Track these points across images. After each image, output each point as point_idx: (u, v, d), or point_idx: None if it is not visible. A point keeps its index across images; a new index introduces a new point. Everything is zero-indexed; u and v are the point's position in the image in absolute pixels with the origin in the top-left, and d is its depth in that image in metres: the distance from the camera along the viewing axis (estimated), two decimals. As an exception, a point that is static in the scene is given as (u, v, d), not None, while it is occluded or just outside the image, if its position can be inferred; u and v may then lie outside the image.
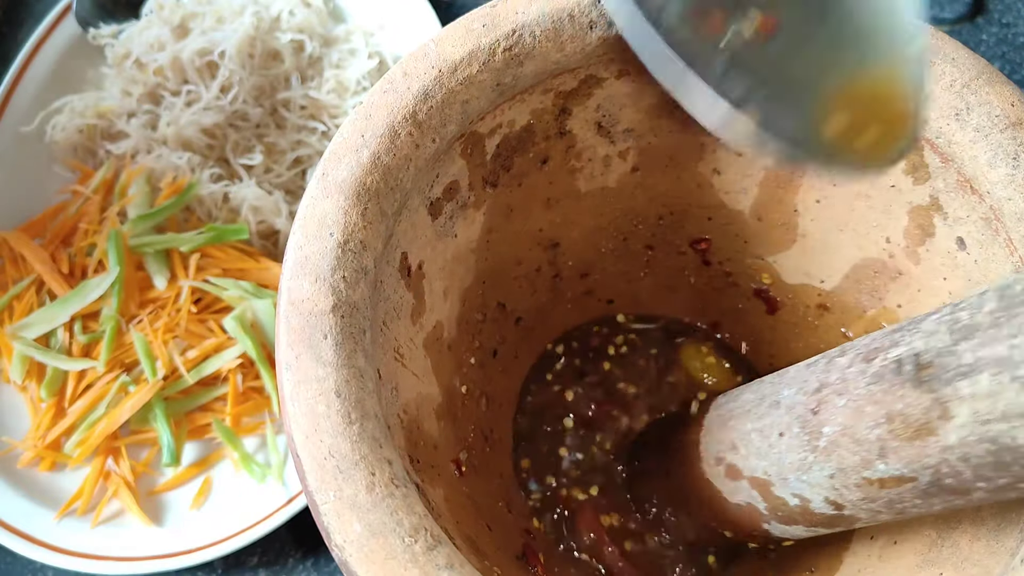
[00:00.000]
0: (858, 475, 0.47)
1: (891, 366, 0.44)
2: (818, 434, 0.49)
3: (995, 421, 0.39)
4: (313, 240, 0.46)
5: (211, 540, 0.79)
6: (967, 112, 0.51)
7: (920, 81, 0.43)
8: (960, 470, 0.41)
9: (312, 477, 0.42)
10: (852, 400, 0.47)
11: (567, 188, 0.64)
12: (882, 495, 0.47)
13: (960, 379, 0.40)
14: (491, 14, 0.52)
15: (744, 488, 0.57)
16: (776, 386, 0.55)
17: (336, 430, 0.42)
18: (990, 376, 0.38)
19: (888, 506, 0.48)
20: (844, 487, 0.49)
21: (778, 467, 0.53)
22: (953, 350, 0.40)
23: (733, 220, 0.67)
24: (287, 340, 0.44)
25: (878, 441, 0.45)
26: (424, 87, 0.50)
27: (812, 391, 0.50)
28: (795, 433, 0.51)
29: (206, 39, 0.94)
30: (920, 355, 0.42)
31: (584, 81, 0.57)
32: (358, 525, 0.41)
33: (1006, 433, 0.38)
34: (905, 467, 0.44)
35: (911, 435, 0.43)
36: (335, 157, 0.48)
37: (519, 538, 0.62)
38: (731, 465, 0.58)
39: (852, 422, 0.46)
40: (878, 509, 0.49)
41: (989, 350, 0.39)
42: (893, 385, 0.44)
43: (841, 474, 0.48)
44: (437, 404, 0.57)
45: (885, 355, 0.45)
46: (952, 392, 0.40)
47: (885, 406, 0.44)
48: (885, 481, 0.46)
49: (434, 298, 0.57)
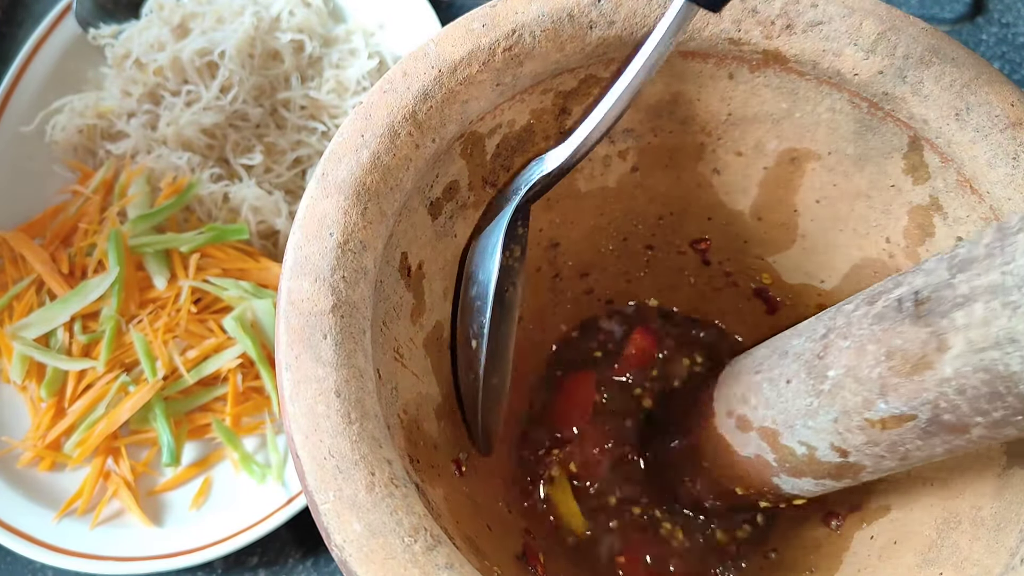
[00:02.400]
0: (860, 416, 0.48)
1: (892, 304, 0.45)
2: (823, 378, 0.50)
3: (989, 349, 0.39)
4: (313, 240, 0.46)
5: (211, 540, 0.79)
6: (967, 112, 0.51)
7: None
8: (957, 403, 0.42)
9: (312, 477, 0.42)
10: (855, 341, 0.47)
11: (567, 188, 0.64)
12: (884, 437, 0.48)
13: (956, 310, 0.41)
14: (491, 14, 0.52)
15: (753, 439, 0.58)
16: (787, 338, 0.56)
17: (336, 430, 0.42)
18: (984, 304, 0.39)
19: (891, 450, 0.48)
20: (847, 431, 0.49)
21: (785, 415, 0.54)
22: (950, 283, 0.41)
23: (733, 220, 0.67)
24: (287, 340, 0.44)
25: (879, 380, 0.46)
26: (424, 87, 0.50)
27: (819, 337, 0.51)
28: (802, 379, 0.52)
29: (206, 39, 0.94)
30: (919, 292, 0.43)
31: (584, 81, 0.57)
32: (358, 525, 0.41)
33: (999, 360, 0.39)
34: (905, 404, 0.45)
35: (910, 370, 0.44)
36: (335, 157, 0.48)
37: (519, 538, 0.62)
38: (742, 416, 0.59)
39: (855, 362, 0.47)
40: (881, 454, 0.49)
41: (984, 279, 0.39)
42: (894, 323, 0.45)
43: (844, 417, 0.49)
44: (437, 404, 0.57)
45: (887, 296, 0.46)
46: (948, 324, 0.41)
47: (885, 344, 0.45)
48: (886, 421, 0.47)
49: (434, 298, 0.57)
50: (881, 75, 0.53)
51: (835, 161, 0.60)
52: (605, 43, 0.54)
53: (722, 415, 0.62)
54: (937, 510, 0.54)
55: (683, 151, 0.63)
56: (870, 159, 0.58)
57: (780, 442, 0.56)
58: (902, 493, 0.58)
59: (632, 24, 0.53)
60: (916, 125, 0.54)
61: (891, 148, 0.56)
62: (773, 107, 0.58)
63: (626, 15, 0.53)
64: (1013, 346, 0.38)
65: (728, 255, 0.70)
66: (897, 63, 0.52)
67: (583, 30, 0.53)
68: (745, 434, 0.59)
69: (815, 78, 0.55)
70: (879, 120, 0.55)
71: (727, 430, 0.61)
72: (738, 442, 0.60)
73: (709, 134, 0.61)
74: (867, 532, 0.59)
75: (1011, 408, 0.40)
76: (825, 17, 0.53)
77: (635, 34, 0.54)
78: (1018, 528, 0.48)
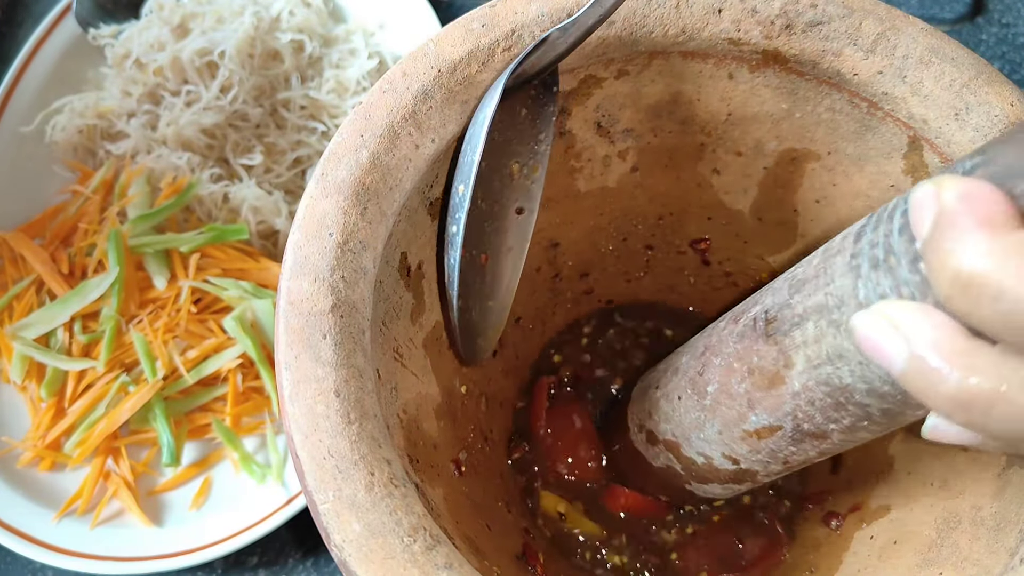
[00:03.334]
0: (739, 428, 0.51)
1: (750, 324, 0.48)
2: (704, 393, 0.53)
3: (823, 364, 0.42)
4: (312, 240, 0.46)
5: (211, 540, 0.79)
6: (967, 112, 0.51)
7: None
8: (811, 413, 0.45)
9: (311, 477, 0.42)
10: (724, 359, 0.51)
11: (567, 188, 0.64)
12: (762, 446, 0.51)
13: (794, 329, 0.44)
14: (490, 14, 0.52)
15: (661, 451, 0.61)
16: (678, 355, 0.59)
17: (335, 430, 0.43)
18: (813, 323, 0.42)
19: (772, 456, 0.52)
20: (732, 441, 0.53)
21: (681, 428, 0.58)
22: (789, 303, 0.44)
23: (733, 220, 0.67)
24: (286, 340, 0.44)
25: (746, 394, 0.49)
26: (424, 87, 0.50)
27: (699, 354, 0.55)
28: (688, 394, 0.55)
29: (206, 39, 0.94)
30: (768, 311, 0.46)
31: (584, 81, 0.57)
32: (357, 525, 0.41)
33: (834, 375, 0.42)
34: (770, 416, 0.48)
35: (767, 385, 0.47)
36: (334, 157, 0.48)
37: (519, 538, 0.62)
38: (649, 431, 0.62)
39: (726, 379, 0.50)
40: (766, 460, 0.53)
41: (812, 299, 0.42)
42: (752, 341, 0.48)
43: (726, 429, 0.52)
44: (436, 404, 0.57)
45: (747, 315, 0.49)
46: (790, 342, 0.44)
47: (746, 361, 0.48)
48: (760, 432, 0.50)
49: (434, 298, 0.57)
50: (881, 75, 0.53)
51: (835, 161, 0.60)
52: (605, 43, 0.54)
53: (635, 429, 0.65)
54: (937, 510, 0.54)
55: (683, 151, 0.63)
56: (870, 159, 0.58)
57: (683, 452, 0.59)
58: (902, 493, 0.58)
59: (632, 24, 0.53)
60: (916, 125, 0.54)
61: (891, 148, 0.56)
62: (773, 107, 0.58)
63: (626, 15, 0.53)
64: (841, 361, 0.41)
65: (728, 255, 0.70)
66: (897, 63, 0.52)
67: None
68: (654, 447, 0.62)
69: (815, 78, 0.55)
70: (879, 120, 0.55)
71: (640, 443, 0.64)
72: (650, 454, 0.63)
73: (709, 134, 0.61)
74: (867, 532, 0.60)
75: (855, 415, 0.43)
76: (824, 17, 0.53)
77: (634, 34, 0.54)
78: (1018, 528, 0.48)
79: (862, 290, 0.39)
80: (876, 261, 0.38)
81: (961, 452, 0.55)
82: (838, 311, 0.41)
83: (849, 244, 0.41)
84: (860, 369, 0.41)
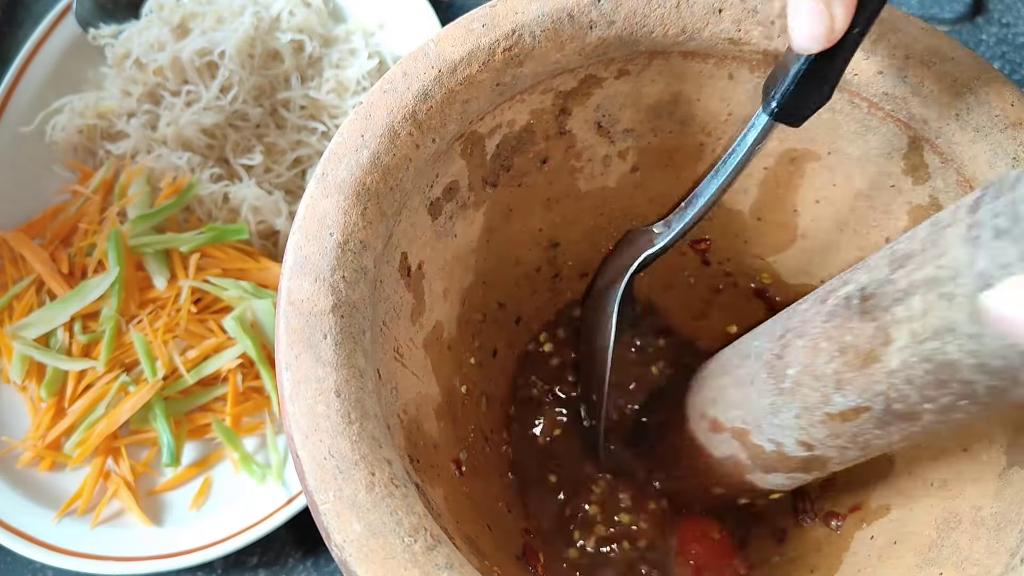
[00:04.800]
0: (820, 411, 0.50)
1: (841, 302, 0.47)
2: (783, 376, 0.52)
3: (929, 339, 0.41)
4: (313, 240, 0.46)
5: (211, 540, 0.79)
6: (967, 112, 0.51)
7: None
8: (906, 393, 0.44)
9: (312, 477, 0.42)
10: (810, 339, 0.49)
11: (567, 188, 0.64)
12: (844, 429, 0.49)
13: (896, 304, 0.42)
14: (490, 14, 0.52)
15: (727, 439, 0.60)
16: (748, 340, 0.58)
17: (336, 430, 0.42)
18: (921, 297, 0.41)
19: (852, 440, 0.50)
20: (810, 425, 0.51)
21: (753, 414, 0.56)
22: (891, 279, 0.43)
23: (733, 220, 0.67)
24: (287, 340, 0.44)
25: (834, 375, 0.47)
26: (424, 87, 0.50)
27: (777, 337, 0.53)
28: (763, 379, 0.54)
29: (206, 39, 0.94)
30: (864, 288, 0.45)
31: (584, 81, 0.57)
32: (358, 525, 0.41)
33: (939, 350, 0.40)
34: (859, 397, 0.46)
35: (861, 363, 0.45)
36: (335, 157, 0.48)
37: (519, 538, 0.62)
38: (713, 419, 0.61)
39: (811, 360, 0.49)
40: (844, 445, 0.51)
41: (920, 273, 0.41)
42: (844, 319, 0.46)
43: (806, 413, 0.51)
44: (437, 404, 0.57)
45: (836, 294, 0.48)
46: (891, 318, 0.43)
47: (837, 340, 0.47)
48: (845, 414, 0.48)
49: (434, 298, 0.57)
50: (881, 75, 0.53)
51: (835, 161, 0.60)
52: (605, 43, 0.54)
53: (695, 419, 0.63)
54: (937, 510, 0.54)
55: (683, 151, 0.63)
56: (870, 159, 0.58)
57: (751, 440, 0.57)
58: (902, 493, 0.58)
59: (632, 24, 0.53)
60: (916, 125, 0.54)
61: (891, 148, 0.56)
62: None
63: (626, 15, 0.53)
64: (951, 335, 0.40)
65: (728, 255, 0.70)
66: (897, 63, 0.52)
67: (583, 30, 0.53)
68: (718, 435, 0.61)
69: None
70: (879, 120, 0.55)
71: (701, 433, 0.63)
72: (712, 444, 0.62)
73: (709, 134, 0.61)
74: (867, 532, 0.60)
75: (956, 394, 0.42)
76: None
77: (635, 34, 0.54)
78: (1018, 528, 0.48)
79: (981, 260, 0.38)
80: (999, 230, 0.37)
81: (962, 452, 0.55)
82: (951, 283, 0.39)
83: (963, 215, 0.40)
84: (971, 343, 0.39)
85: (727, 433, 0.60)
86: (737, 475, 0.62)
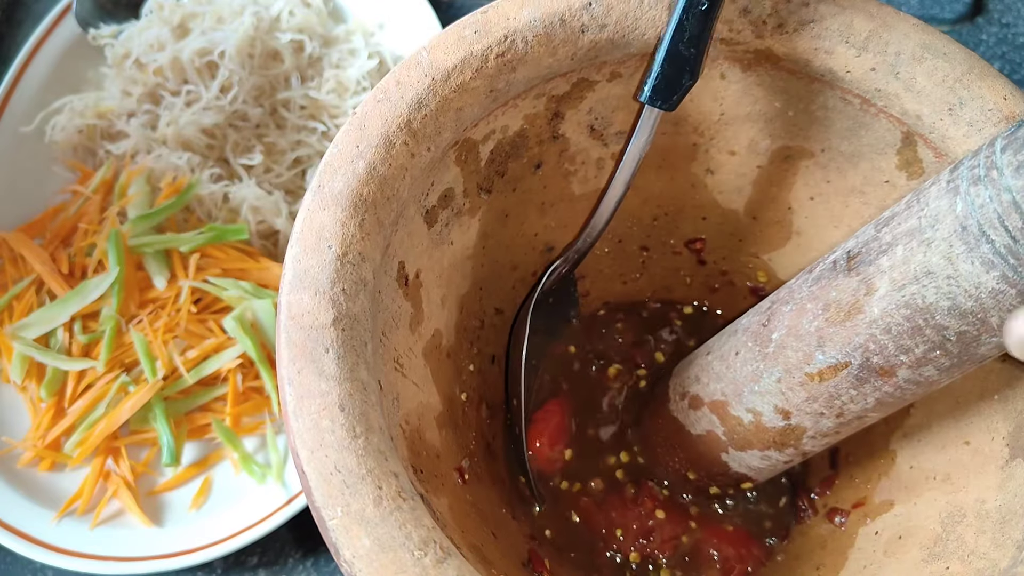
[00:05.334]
0: (800, 372, 0.52)
1: (828, 266, 0.49)
2: (768, 341, 0.54)
3: (908, 284, 0.43)
4: (311, 253, 0.46)
5: (211, 540, 0.79)
6: (960, 107, 0.52)
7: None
8: (884, 343, 0.46)
9: (319, 492, 0.42)
10: (796, 303, 0.51)
11: (561, 192, 0.64)
12: (821, 390, 0.51)
13: (880, 256, 0.45)
14: (482, 20, 0.52)
15: (705, 415, 0.62)
16: (737, 320, 0.60)
17: (341, 444, 0.42)
18: (903, 246, 0.44)
19: (828, 404, 0.52)
20: (789, 389, 0.53)
21: (734, 384, 0.58)
22: (876, 237, 0.46)
23: (727, 219, 0.67)
24: (288, 355, 0.44)
25: (816, 332, 0.49)
26: (418, 96, 0.50)
27: (764, 310, 0.55)
28: (749, 347, 0.56)
29: (206, 39, 0.94)
30: (851, 250, 0.48)
31: (576, 85, 0.57)
32: (367, 540, 0.41)
33: (918, 294, 0.43)
34: (839, 352, 0.48)
35: (843, 317, 0.47)
36: (330, 169, 0.48)
37: (524, 544, 0.62)
38: (694, 396, 0.62)
39: (795, 321, 0.51)
40: (820, 410, 0.53)
41: (903, 226, 0.44)
42: (829, 280, 0.49)
43: (787, 376, 0.53)
44: (438, 413, 0.57)
45: (825, 261, 0.50)
46: (875, 269, 0.45)
47: (822, 299, 0.49)
48: (823, 372, 0.50)
49: (432, 306, 0.57)
50: (874, 72, 0.53)
51: (828, 158, 0.60)
52: (597, 46, 0.54)
53: (675, 399, 0.65)
54: (941, 504, 0.55)
55: (676, 152, 0.63)
56: (864, 155, 0.58)
57: (730, 412, 0.59)
58: (905, 488, 0.59)
59: (624, 27, 0.53)
60: (909, 121, 0.54)
61: (884, 144, 0.57)
62: (765, 106, 0.59)
63: (617, 18, 0.53)
64: (928, 278, 0.42)
65: (723, 254, 0.70)
66: (889, 60, 0.53)
67: (575, 34, 0.53)
68: (696, 411, 0.62)
69: (807, 76, 0.56)
70: (872, 116, 0.56)
71: (679, 411, 0.64)
72: (689, 421, 0.63)
73: (702, 134, 0.62)
74: (871, 528, 0.60)
75: (930, 342, 0.44)
76: (816, 16, 0.53)
77: (627, 37, 0.54)
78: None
79: (960, 204, 0.41)
80: (977, 177, 0.40)
81: (964, 445, 0.55)
82: (931, 230, 0.42)
83: (944, 175, 0.43)
84: (947, 285, 0.42)
85: (705, 408, 0.61)
86: (712, 455, 0.63)
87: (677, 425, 0.65)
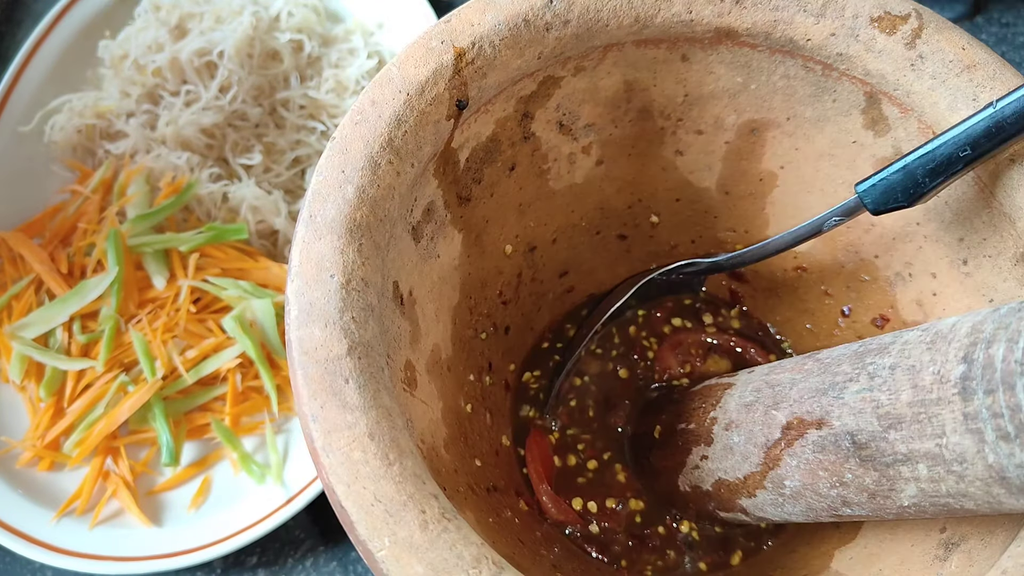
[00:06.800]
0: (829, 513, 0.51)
1: (829, 439, 0.48)
2: (781, 486, 0.53)
3: (941, 496, 0.43)
4: (314, 285, 0.45)
5: (210, 540, 0.80)
6: (921, 61, 0.53)
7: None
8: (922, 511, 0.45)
9: (362, 526, 0.41)
10: (803, 463, 0.50)
11: (537, 191, 0.64)
12: None
13: (901, 464, 0.44)
14: (447, 29, 0.52)
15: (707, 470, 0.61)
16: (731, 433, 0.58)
17: (377, 474, 0.41)
18: (927, 468, 0.42)
19: None
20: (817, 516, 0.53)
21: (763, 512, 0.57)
22: (885, 437, 0.44)
23: (700, 197, 0.68)
24: (308, 391, 0.43)
25: (839, 496, 0.49)
26: (395, 113, 0.49)
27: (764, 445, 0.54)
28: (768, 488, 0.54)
29: (205, 39, 0.94)
30: (855, 435, 0.46)
31: (543, 83, 0.57)
32: (419, 567, 0.40)
33: (953, 503, 0.43)
34: (869, 512, 0.48)
35: (868, 497, 0.47)
36: (319, 197, 0.47)
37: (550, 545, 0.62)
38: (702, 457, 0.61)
39: (811, 480, 0.50)
40: None
41: (919, 445, 0.42)
42: (838, 458, 0.47)
43: (812, 512, 0.52)
44: (448, 428, 0.56)
45: (819, 428, 0.49)
46: (896, 473, 0.44)
47: (836, 474, 0.48)
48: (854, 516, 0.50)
49: (427, 322, 0.56)
50: (834, 37, 0.54)
51: (794, 126, 0.61)
52: (562, 43, 0.54)
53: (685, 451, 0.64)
54: None
55: (644, 138, 0.64)
56: (829, 119, 0.59)
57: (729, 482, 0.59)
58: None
59: (587, 20, 0.54)
60: (873, 80, 0.55)
61: (848, 106, 0.57)
62: (728, 82, 0.59)
63: (580, 12, 0.53)
64: (966, 499, 0.42)
65: (700, 232, 0.71)
66: (848, 23, 0.54)
67: (540, 33, 0.53)
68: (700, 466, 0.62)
69: (768, 48, 0.56)
70: (834, 80, 0.57)
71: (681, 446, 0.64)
72: None
73: (668, 117, 0.62)
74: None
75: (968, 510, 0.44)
76: None
77: (590, 29, 0.54)
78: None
79: (991, 456, 0.39)
80: (1006, 434, 0.38)
81: None
82: (959, 465, 0.40)
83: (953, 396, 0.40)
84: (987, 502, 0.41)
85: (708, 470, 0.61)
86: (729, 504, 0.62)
87: None
